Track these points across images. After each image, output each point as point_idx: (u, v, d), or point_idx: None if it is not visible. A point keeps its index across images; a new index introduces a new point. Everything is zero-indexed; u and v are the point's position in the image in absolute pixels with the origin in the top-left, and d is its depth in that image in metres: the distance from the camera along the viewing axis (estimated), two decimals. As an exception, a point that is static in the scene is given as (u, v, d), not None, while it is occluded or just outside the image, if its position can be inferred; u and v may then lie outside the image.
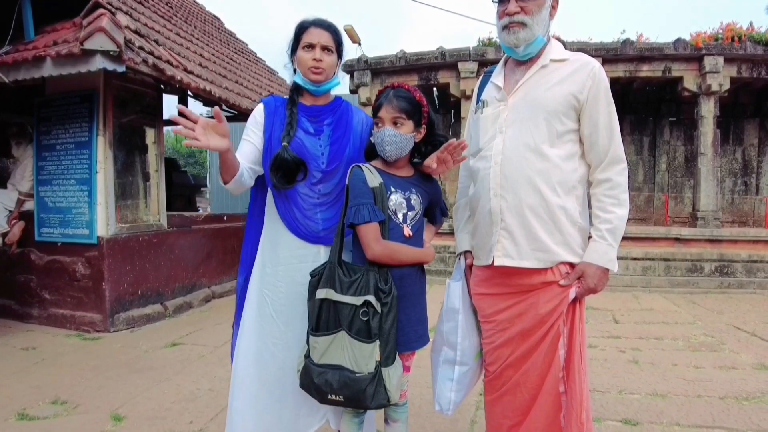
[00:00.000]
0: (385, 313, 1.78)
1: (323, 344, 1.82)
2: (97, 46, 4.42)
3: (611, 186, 1.84)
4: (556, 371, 1.84)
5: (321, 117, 2.16)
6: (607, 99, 1.85)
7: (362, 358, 1.76)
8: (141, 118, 5.94)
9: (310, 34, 2.07)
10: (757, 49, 8.39)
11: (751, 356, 4.38)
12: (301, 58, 2.07)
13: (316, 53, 2.05)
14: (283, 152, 2.01)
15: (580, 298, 1.87)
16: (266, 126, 2.11)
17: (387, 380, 1.78)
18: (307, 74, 2.08)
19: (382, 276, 1.81)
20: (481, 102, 2.02)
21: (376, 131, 1.93)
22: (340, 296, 1.80)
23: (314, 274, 1.90)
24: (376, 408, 1.86)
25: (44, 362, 4.18)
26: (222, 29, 10.73)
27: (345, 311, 1.79)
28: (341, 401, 1.82)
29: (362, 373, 1.76)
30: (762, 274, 8.09)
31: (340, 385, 1.78)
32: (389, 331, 1.78)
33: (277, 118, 2.12)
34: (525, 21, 1.83)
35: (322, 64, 2.06)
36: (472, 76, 9.10)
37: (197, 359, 4.28)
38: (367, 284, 1.79)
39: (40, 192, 5.49)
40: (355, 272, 1.83)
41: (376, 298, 1.77)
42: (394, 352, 1.82)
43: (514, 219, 1.85)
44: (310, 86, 2.11)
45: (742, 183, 10.35)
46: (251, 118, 2.16)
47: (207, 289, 6.75)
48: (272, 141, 2.08)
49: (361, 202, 1.83)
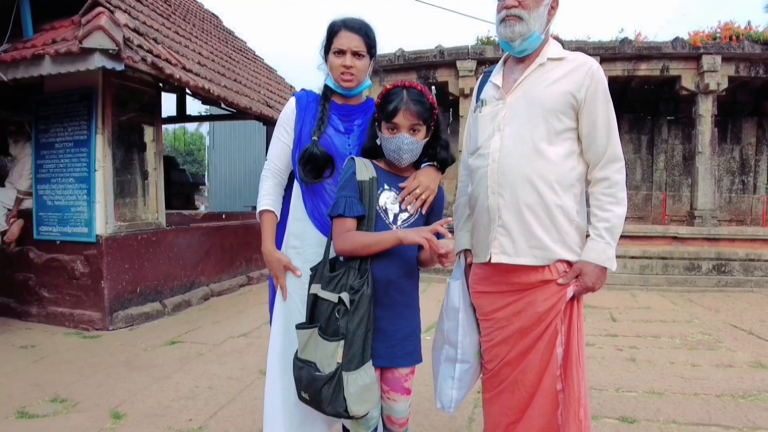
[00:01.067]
0: (351, 311, 1.70)
1: (302, 339, 1.81)
2: (96, 44, 4.42)
3: (609, 184, 1.85)
4: (554, 369, 1.85)
5: (352, 117, 2.15)
6: (605, 98, 1.86)
7: (324, 357, 1.72)
8: (140, 116, 5.94)
9: (340, 38, 2.04)
10: (755, 48, 8.42)
11: (747, 354, 4.40)
12: (332, 64, 2.05)
13: (346, 59, 2.03)
14: (312, 147, 2.00)
15: (578, 297, 1.88)
16: (297, 120, 2.13)
17: (345, 386, 1.69)
18: (337, 80, 2.06)
19: (359, 272, 1.75)
20: (480, 101, 2.03)
21: (389, 136, 1.83)
22: (322, 292, 1.78)
23: (313, 270, 1.89)
24: (332, 415, 1.79)
25: (43, 360, 4.19)
26: (220, 27, 10.73)
27: (323, 307, 1.76)
28: (308, 399, 1.80)
29: (323, 373, 1.72)
30: (759, 272, 8.13)
31: (306, 383, 1.77)
32: (355, 331, 1.69)
33: (308, 113, 2.13)
34: (521, 15, 1.84)
35: (353, 70, 2.04)
36: (471, 74, 9.12)
37: (196, 357, 4.29)
38: (346, 281, 1.74)
39: (39, 190, 5.49)
40: (338, 268, 1.80)
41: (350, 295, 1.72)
42: (360, 356, 1.70)
43: (512, 216, 1.85)
44: (341, 91, 2.11)
45: (739, 182, 10.39)
46: (284, 113, 2.18)
47: (206, 288, 6.76)
48: (302, 135, 2.10)
49: (341, 195, 1.81)
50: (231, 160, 17.40)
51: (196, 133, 38.99)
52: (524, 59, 1.94)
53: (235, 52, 9.77)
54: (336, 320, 1.72)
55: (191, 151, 38.59)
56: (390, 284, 1.81)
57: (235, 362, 4.16)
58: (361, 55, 2.05)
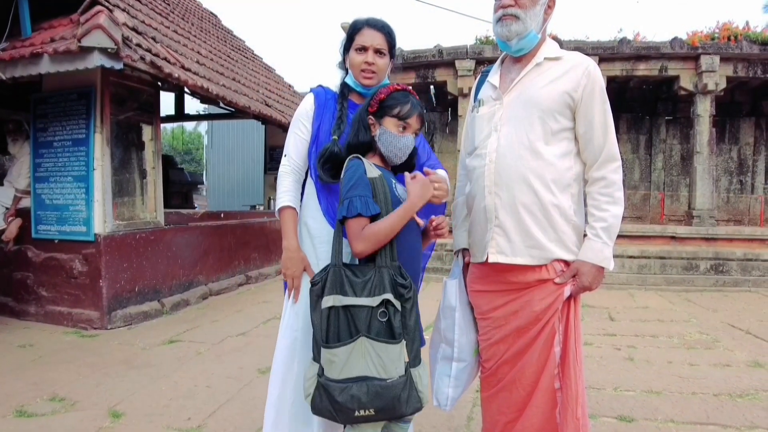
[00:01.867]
0: (408, 310, 1.68)
1: (342, 356, 1.63)
2: (95, 43, 4.41)
3: (606, 184, 1.86)
4: (552, 368, 1.85)
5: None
6: (602, 97, 1.86)
7: (390, 362, 1.62)
8: (138, 115, 5.93)
9: (363, 35, 2.05)
10: (753, 48, 8.43)
11: (745, 354, 4.41)
12: (353, 60, 2.06)
13: (368, 56, 2.03)
14: (333, 146, 1.97)
15: (575, 296, 1.88)
16: (315, 117, 2.11)
17: (418, 381, 1.69)
18: (358, 77, 2.07)
19: (396, 270, 1.71)
20: (478, 101, 2.03)
21: (398, 134, 1.84)
22: (353, 299, 1.66)
23: (315, 283, 1.75)
24: (411, 413, 1.72)
25: (42, 359, 4.19)
26: (219, 26, 10.71)
27: (361, 315, 1.65)
28: (372, 415, 1.64)
29: (393, 378, 1.62)
30: (757, 272, 8.15)
31: (370, 397, 1.60)
32: (414, 327, 1.69)
33: (327, 110, 2.11)
34: (518, 14, 1.84)
35: (374, 68, 2.05)
36: (469, 74, 9.12)
37: (195, 356, 4.29)
38: (381, 282, 1.67)
39: (37, 189, 5.48)
40: (365, 272, 1.71)
41: (395, 294, 1.66)
42: (419, 351, 1.75)
43: (508, 216, 1.86)
44: (360, 89, 2.10)
45: (737, 182, 10.41)
46: (302, 109, 2.15)
47: (204, 287, 6.76)
48: (320, 133, 2.08)
49: (354, 195, 1.73)
50: (229, 159, 17.39)
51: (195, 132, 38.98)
52: (521, 59, 1.94)
53: (234, 51, 9.77)
54: (381, 324, 1.65)
55: (189, 150, 38.55)
56: (417, 273, 1.88)
57: (234, 361, 4.16)
58: (382, 53, 2.07)
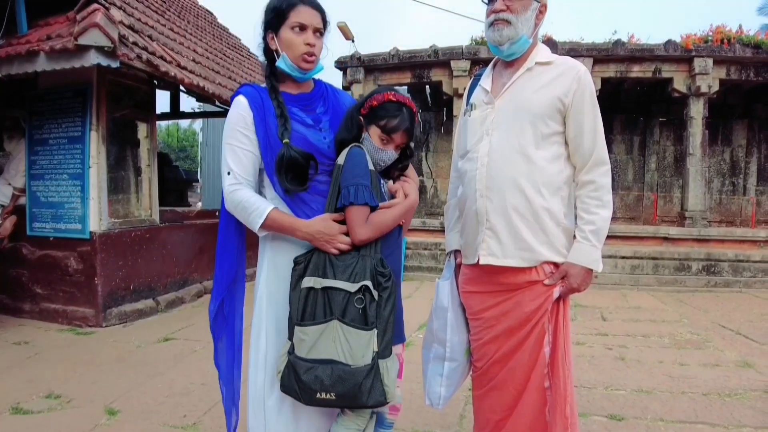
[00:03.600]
0: (384, 299, 1.68)
1: (313, 335, 1.65)
2: (92, 41, 4.42)
3: (595, 188, 1.89)
4: (542, 367, 1.89)
5: (312, 105, 1.94)
6: (592, 102, 1.88)
7: (358, 348, 1.63)
8: (134, 113, 5.94)
9: (300, 12, 1.81)
10: (746, 51, 8.52)
11: (735, 353, 4.47)
12: (291, 42, 1.81)
13: (309, 37, 1.81)
14: (287, 150, 1.76)
15: (565, 297, 1.92)
16: (257, 124, 1.82)
17: (384, 374, 1.66)
18: (297, 61, 1.82)
19: (378, 261, 1.73)
20: (470, 105, 2.06)
21: (380, 147, 1.82)
22: (332, 281, 1.68)
23: (299, 262, 1.76)
24: (372, 406, 1.71)
25: (37, 357, 4.20)
26: (215, 24, 10.70)
27: (338, 298, 1.66)
28: (332, 399, 1.65)
29: (358, 366, 1.62)
30: (748, 273, 8.23)
31: (332, 381, 1.62)
32: (388, 318, 1.68)
33: (267, 113, 1.83)
34: (509, 19, 1.87)
35: (315, 50, 1.84)
36: (465, 74, 9.16)
37: (190, 354, 4.31)
38: (363, 269, 1.69)
39: (33, 186, 5.48)
40: (348, 258, 1.73)
41: (374, 283, 1.67)
42: (391, 343, 1.72)
43: (499, 219, 1.89)
44: (297, 73, 1.86)
45: (730, 183, 10.50)
46: (237, 117, 1.84)
47: (199, 285, 6.78)
48: (270, 140, 1.81)
49: (361, 183, 1.74)
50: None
51: (189, 129, 38.85)
52: (513, 63, 1.97)
53: (230, 49, 9.76)
54: (357, 310, 1.65)
55: (184, 147, 38.38)
56: (397, 269, 1.86)
57: (229, 359, 4.17)
58: (321, 33, 1.87)
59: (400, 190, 1.88)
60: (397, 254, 1.93)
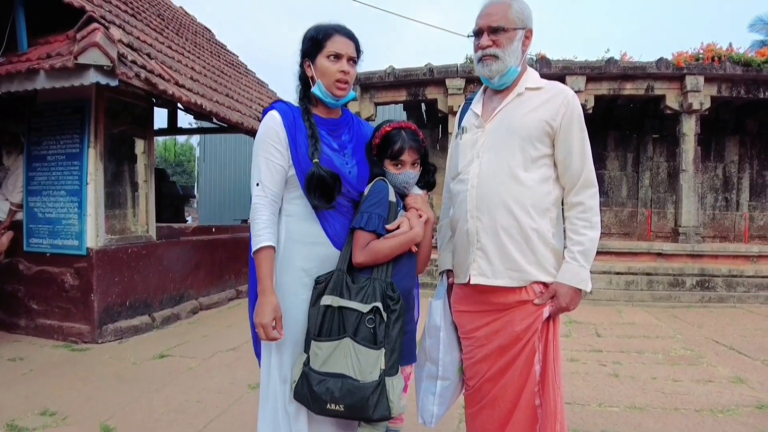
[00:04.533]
0: (393, 321, 1.81)
1: (326, 350, 1.80)
2: (91, 60, 4.47)
3: (583, 209, 1.94)
4: (532, 386, 1.92)
5: (339, 131, 2.06)
6: (580, 125, 1.94)
7: (367, 366, 1.76)
8: (131, 129, 5.99)
9: (336, 42, 1.93)
10: (736, 69, 8.63)
11: (728, 369, 4.50)
12: (327, 69, 1.93)
13: (343, 65, 1.93)
14: (317, 170, 1.88)
15: (554, 317, 1.96)
16: (290, 140, 1.93)
17: (390, 390, 1.79)
18: (331, 88, 1.94)
19: (388, 285, 1.86)
20: (461, 128, 2.13)
21: (395, 172, 2.01)
22: (346, 302, 1.82)
23: (320, 281, 1.91)
24: (377, 420, 1.83)
25: (32, 373, 4.20)
26: (213, 41, 10.81)
27: (351, 318, 1.80)
28: (341, 411, 1.79)
29: (366, 381, 1.76)
30: (742, 288, 8.27)
31: (342, 394, 1.76)
32: (396, 339, 1.81)
33: (299, 132, 1.95)
34: (497, 54, 1.93)
35: (349, 77, 1.96)
36: (460, 92, 9.26)
37: (185, 371, 4.31)
38: (374, 292, 1.82)
39: (30, 202, 5.51)
40: (361, 281, 1.87)
41: (384, 305, 1.80)
42: (398, 362, 1.86)
43: (489, 239, 1.94)
44: (331, 99, 1.98)
45: (723, 199, 10.59)
46: (270, 131, 1.94)
47: (195, 301, 6.78)
48: (300, 158, 1.92)
49: (374, 212, 1.91)
50: (221, 172, 17.41)
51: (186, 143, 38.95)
52: (503, 89, 2.03)
53: (228, 66, 9.86)
54: (368, 329, 1.79)
55: (181, 162, 38.47)
56: (406, 293, 1.97)
57: (225, 376, 4.18)
58: (355, 62, 1.99)
59: (405, 221, 1.97)
60: (410, 278, 2.02)
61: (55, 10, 5.20)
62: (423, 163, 2.09)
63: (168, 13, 9.37)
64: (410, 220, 1.98)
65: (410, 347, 2.03)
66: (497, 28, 1.93)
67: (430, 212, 2.05)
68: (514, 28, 1.93)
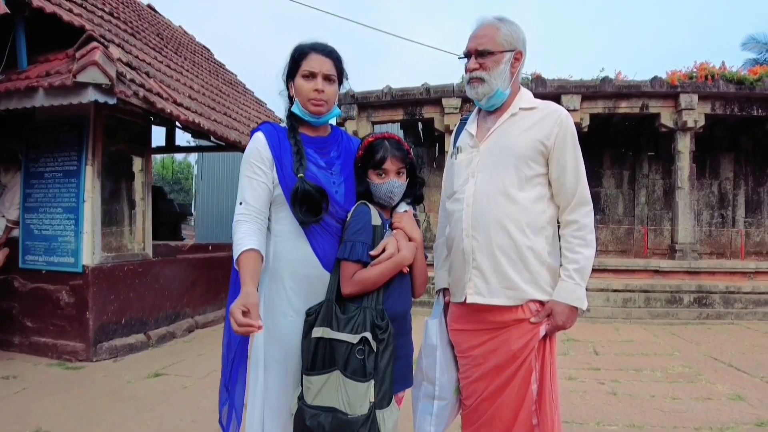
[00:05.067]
0: (381, 351, 1.75)
1: (317, 384, 1.76)
2: (90, 79, 4.51)
3: (578, 227, 1.94)
4: (530, 405, 1.91)
5: (327, 149, 2.05)
6: (573, 144, 1.95)
7: (356, 399, 1.70)
8: (129, 147, 6.02)
9: (310, 60, 1.93)
10: (729, 87, 8.72)
11: (727, 387, 4.47)
12: (301, 88, 1.94)
13: (317, 83, 1.93)
14: (301, 184, 1.87)
15: (551, 335, 1.95)
16: (275, 160, 1.94)
17: (381, 424, 1.74)
18: (306, 105, 1.95)
19: (378, 313, 1.81)
20: (457, 148, 2.14)
21: (379, 182, 1.96)
22: (336, 333, 1.77)
23: (311, 313, 1.86)
24: None
25: (25, 391, 4.15)
26: (211, 60, 10.91)
27: (341, 349, 1.75)
28: None
29: (355, 415, 1.70)
30: (739, 304, 8.27)
31: (332, 428, 1.71)
32: (385, 369, 1.75)
33: (284, 151, 1.95)
34: (483, 77, 1.96)
35: (324, 96, 1.94)
36: (456, 111, 9.34)
37: (180, 390, 4.28)
38: (363, 321, 1.77)
39: (26, 219, 5.50)
40: (351, 310, 1.83)
41: (373, 335, 1.75)
42: (389, 393, 1.79)
43: (485, 258, 1.93)
44: (309, 118, 1.98)
45: (719, 215, 10.62)
46: (254, 152, 1.95)
47: (190, 319, 6.73)
48: (285, 176, 1.92)
49: (358, 239, 1.87)
50: (219, 190, 17.41)
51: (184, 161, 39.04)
52: (496, 110, 2.04)
53: (226, 84, 9.93)
54: (358, 360, 1.73)
55: (179, 179, 38.53)
56: (400, 316, 1.94)
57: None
58: (332, 79, 1.97)
59: (391, 243, 1.91)
60: (403, 301, 1.99)
61: (55, 29, 5.25)
62: (410, 175, 2.06)
63: (167, 32, 9.46)
64: (398, 242, 1.93)
65: (406, 372, 2.00)
66: (483, 52, 1.95)
67: (417, 232, 2.01)
68: (501, 51, 1.95)
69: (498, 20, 1.98)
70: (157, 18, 10.03)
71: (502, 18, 2.00)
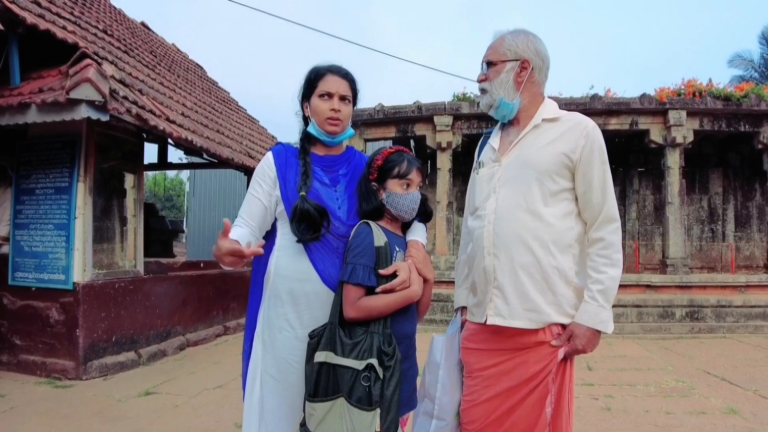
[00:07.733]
0: (387, 378, 1.68)
1: (321, 411, 1.69)
2: (83, 95, 4.51)
3: (604, 245, 1.84)
4: (542, 428, 1.81)
5: (335, 167, 2.06)
6: (601, 158, 1.86)
7: (361, 428, 1.64)
8: (121, 164, 6.00)
9: (327, 82, 1.97)
10: (717, 103, 8.87)
11: (720, 401, 4.48)
12: (318, 108, 1.97)
13: (334, 103, 1.96)
14: (302, 203, 1.87)
15: (569, 358, 1.87)
16: (279, 177, 1.98)
17: None
18: (323, 125, 1.98)
19: (386, 338, 1.74)
20: (479, 162, 2.06)
21: (403, 193, 1.91)
22: (340, 359, 1.70)
23: (313, 336, 1.81)
24: None
25: (13, 411, 4.09)
26: (204, 78, 10.96)
27: (346, 376, 1.69)
28: None
29: None
30: (731, 318, 8.31)
31: None
32: (391, 398, 1.67)
33: (289, 169, 1.99)
34: (485, 87, 1.95)
35: (340, 115, 1.97)
36: (447, 128, 9.44)
37: (171, 409, 4.22)
38: (370, 347, 1.70)
39: (17, 236, 5.45)
40: (357, 334, 1.76)
41: (379, 361, 1.68)
42: (396, 422, 1.71)
43: (507, 278, 1.85)
44: (325, 137, 2.00)
45: (709, 230, 10.71)
46: (260, 170, 2.02)
47: (182, 337, 6.67)
48: (288, 194, 1.95)
49: (359, 262, 1.80)
50: (211, 207, 17.35)
51: (176, 178, 38.97)
52: (519, 121, 1.98)
53: (218, 102, 9.97)
54: (364, 388, 1.67)
55: (171, 196, 38.43)
56: (407, 339, 1.89)
57: (211, 415, 4.09)
58: (348, 100, 2.01)
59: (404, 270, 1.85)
60: (410, 323, 1.93)
61: (48, 46, 5.26)
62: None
63: (160, 49, 9.51)
64: (411, 273, 1.86)
65: (411, 395, 1.93)
66: (488, 62, 1.95)
67: (431, 273, 1.96)
68: (502, 60, 1.92)
69: (508, 31, 1.96)
70: (151, 36, 10.09)
71: (514, 30, 1.97)
